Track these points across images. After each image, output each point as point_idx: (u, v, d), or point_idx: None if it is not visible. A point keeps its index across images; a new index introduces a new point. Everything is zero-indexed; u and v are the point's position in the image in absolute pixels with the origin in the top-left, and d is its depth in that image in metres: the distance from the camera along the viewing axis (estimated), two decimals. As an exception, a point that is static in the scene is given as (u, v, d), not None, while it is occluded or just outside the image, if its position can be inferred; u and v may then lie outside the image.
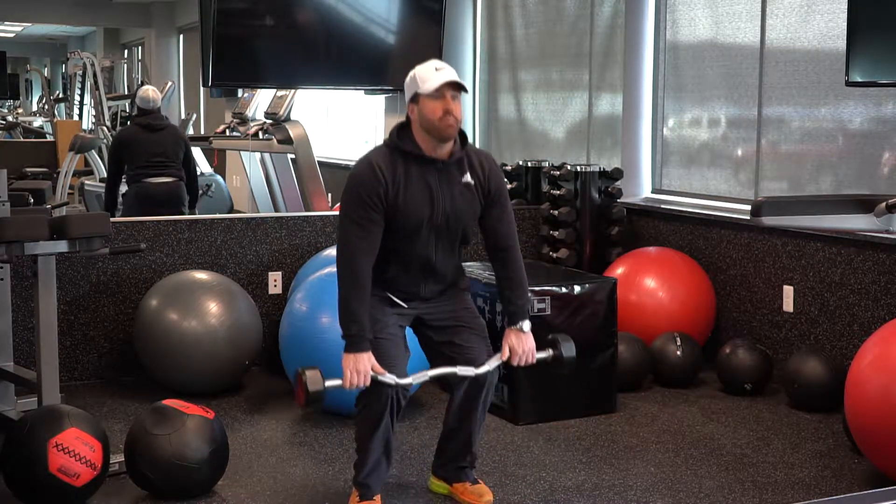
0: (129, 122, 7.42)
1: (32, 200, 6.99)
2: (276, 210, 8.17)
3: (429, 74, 3.38)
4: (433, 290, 3.57)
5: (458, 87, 3.38)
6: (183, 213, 7.13)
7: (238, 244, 5.56)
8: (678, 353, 5.15)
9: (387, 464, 3.59)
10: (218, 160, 11.34)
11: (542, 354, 3.67)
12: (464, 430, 3.69)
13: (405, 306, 3.56)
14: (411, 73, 3.44)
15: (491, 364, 3.56)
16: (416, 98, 3.40)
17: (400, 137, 3.44)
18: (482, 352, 3.60)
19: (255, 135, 7.92)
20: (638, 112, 6.34)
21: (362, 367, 3.35)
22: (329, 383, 3.39)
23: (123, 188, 7.13)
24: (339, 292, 3.41)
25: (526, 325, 3.59)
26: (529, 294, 3.65)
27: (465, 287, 3.68)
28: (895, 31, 3.88)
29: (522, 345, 3.58)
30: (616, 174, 5.98)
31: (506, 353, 3.59)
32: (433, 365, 3.64)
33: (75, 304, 5.26)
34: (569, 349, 3.68)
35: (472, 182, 3.49)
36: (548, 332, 4.61)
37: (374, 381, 3.39)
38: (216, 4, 5.77)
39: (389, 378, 3.40)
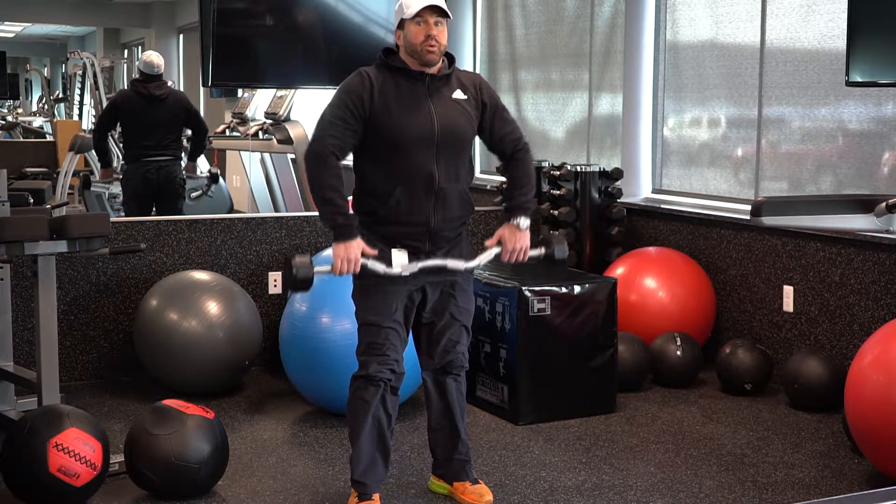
0: (129, 85, 7.39)
1: (32, 200, 6.99)
2: (276, 210, 8.17)
3: (412, 0, 3.44)
4: (442, 226, 3.49)
5: (440, 12, 3.44)
6: (182, 196, 7.13)
7: (238, 244, 5.56)
8: (678, 353, 5.15)
9: (383, 463, 3.59)
10: (218, 160, 11.33)
11: (533, 253, 3.66)
12: (448, 421, 3.71)
13: (407, 274, 3.48)
14: (399, 1, 3.51)
15: (481, 259, 3.57)
16: (401, 24, 3.48)
17: (387, 55, 3.52)
18: (465, 346, 3.66)
19: (255, 135, 7.92)
20: (638, 112, 6.34)
21: (353, 255, 3.37)
22: (318, 269, 3.41)
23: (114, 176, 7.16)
24: (315, 190, 3.41)
25: (523, 222, 3.57)
26: (534, 197, 3.62)
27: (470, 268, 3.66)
28: (895, 31, 3.88)
29: (516, 240, 3.56)
30: (616, 174, 5.98)
31: (493, 242, 3.58)
32: (416, 339, 3.68)
33: (75, 304, 5.26)
34: (561, 250, 3.66)
35: (465, 97, 3.52)
36: (547, 333, 4.64)
37: (364, 269, 3.40)
38: (216, 4, 5.77)
39: (379, 267, 3.42)
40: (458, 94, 3.53)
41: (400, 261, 3.47)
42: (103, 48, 18.26)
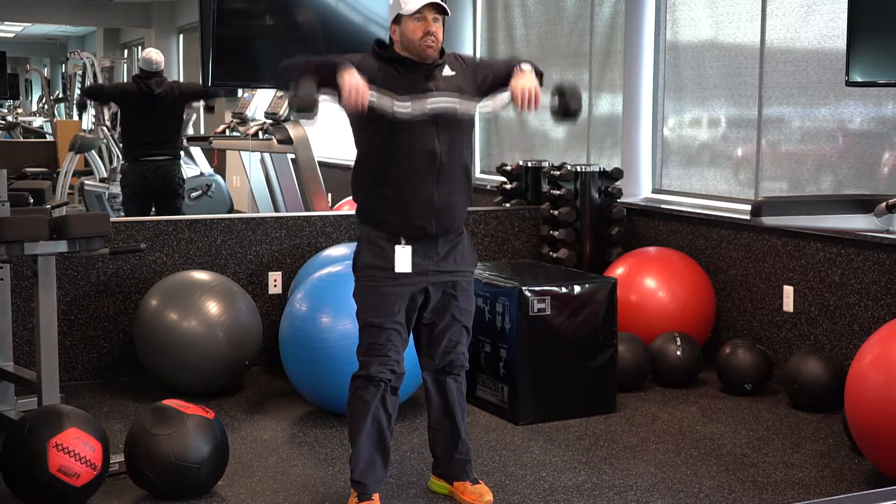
0: (132, 79, 7.45)
1: (32, 200, 6.99)
2: (276, 210, 8.15)
3: None
4: (446, 203, 3.47)
5: (439, 9, 3.44)
6: (181, 195, 7.15)
7: (238, 244, 5.55)
8: (678, 353, 5.14)
9: (383, 464, 3.59)
10: (218, 160, 11.33)
11: (545, 102, 3.53)
12: (448, 421, 3.71)
13: (410, 271, 3.47)
14: None
15: (495, 102, 3.53)
16: (398, 19, 3.46)
17: (381, 47, 3.52)
18: (465, 346, 3.66)
19: (255, 135, 7.91)
20: (638, 112, 6.34)
21: (361, 83, 3.28)
22: (325, 98, 3.33)
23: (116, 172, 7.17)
24: (298, 66, 3.36)
25: (525, 65, 3.45)
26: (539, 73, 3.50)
27: (472, 262, 3.66)
28: (895, 31, 3.88)
29: (524, 82, 3.38)
30: (616, 174, 5.98)
31: (503, 99, 3.52)
32: (416, 339, 3.66)
33: (75, 304, 5.26)
34: (575, 99, 3.51)
35: (454, 73, 3.52)
36: (547, 333, 4.64)
37: (371, 106, 3.34)
38: (216, 4, 5.77)
39: (386, 102, 3.37)
40: (447, 71, 3.52)
41: (403, 259, 3.47)
42: (103, 48, 18.26)
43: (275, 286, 5.61)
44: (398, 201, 3.46)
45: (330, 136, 11.30)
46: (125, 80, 14.82)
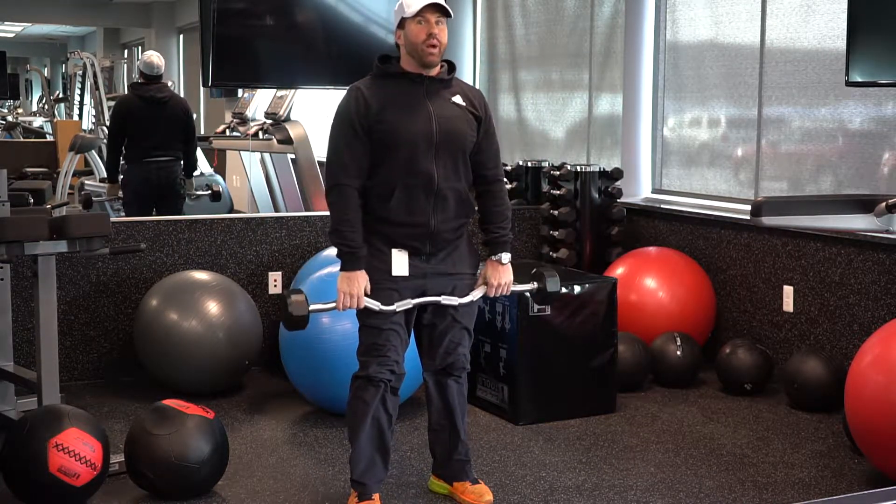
0: (129, 89, 7.37)
1: (32, 200, 6.98)
2: (276, 210, 8.16)
3: None
4: (442, 228, 3.49)
5: (441, 11, 3.44)
6: (182, 196, 7.13)
7: (238, 244, 5.56)
8: (678, 353, 5.15)
9: (383, 464, 3.59)
10: (218, 160, 11.33)
11: (525, 287, 3.74)
12: (448, 423, 3.71)
13: (407, 274, 3.49)
14: (399, 0, 3.51)
15: (474, 295, 3.61)
16: (402, 24, 3.48)
17: (383, 62, 3.53)
18: (467, 348, 3.68)
19: (255, 135, 7.91)
20: (638, 112, 6.34)
21: (356, 290, 3.40)
22: (315, 307, 3.44)
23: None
24: (332, 220, 3.47)
25: (505, 257, 3.61)
26: (510, 229, 3.67)
27: (474, 264, 3.67)
28: (895, 31, 3.88)
29: (499, 277, 3.60)
30: (616, 174, 5.98)
31: (480, 282, 3.63)
32: (417, 340, 3.68)
33: (75, 304, 5.26)
34: (553, 283, 3.72)
35: (464, 104, 3.53)
36: (548, 332, 4.64)
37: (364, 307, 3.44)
38: (216, 4, 5.76)
39: (374, 304, 3.44)
40: (458, 100, 3.53)
41: (400, 262, 3.48)
42: (103, 48, 18.26)
43: (275, 286, 5.61)
44: (396, 225, 3.47)
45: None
46: (123, 86, 14.80)
